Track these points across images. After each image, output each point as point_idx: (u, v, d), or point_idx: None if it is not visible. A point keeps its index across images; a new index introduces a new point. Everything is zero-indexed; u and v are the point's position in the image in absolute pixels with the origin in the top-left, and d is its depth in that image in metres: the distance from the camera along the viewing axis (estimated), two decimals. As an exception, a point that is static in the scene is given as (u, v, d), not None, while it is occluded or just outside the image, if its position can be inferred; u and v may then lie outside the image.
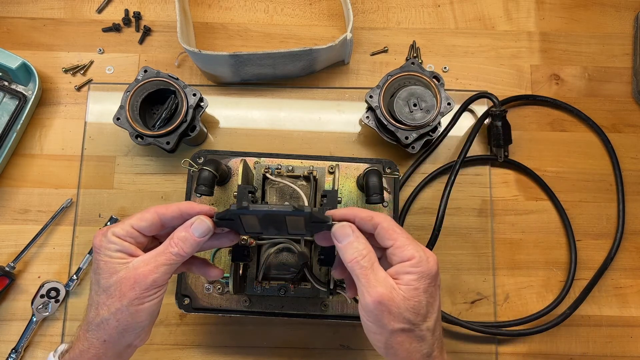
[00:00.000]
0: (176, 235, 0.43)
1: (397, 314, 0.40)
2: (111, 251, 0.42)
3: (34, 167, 0.69)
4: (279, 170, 0.59)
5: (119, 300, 0.41)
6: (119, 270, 0.42)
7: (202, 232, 0.43)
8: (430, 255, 0.42)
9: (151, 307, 0.42)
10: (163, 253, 0.42)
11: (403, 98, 0.62)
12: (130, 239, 0.43)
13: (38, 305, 0.64)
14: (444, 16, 0.75)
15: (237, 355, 0.65)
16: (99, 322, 0.42)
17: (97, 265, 0.43)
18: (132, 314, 0.42)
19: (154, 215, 0.43)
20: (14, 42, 0.72)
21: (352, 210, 0.44)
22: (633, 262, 0.68)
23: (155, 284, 0.42)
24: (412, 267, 0.41)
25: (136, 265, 0.42)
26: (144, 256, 0.42)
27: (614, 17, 0.75)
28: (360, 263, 0.41)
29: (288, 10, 0.74)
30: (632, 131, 0.72)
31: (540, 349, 0.66)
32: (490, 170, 0.70)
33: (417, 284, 0.40)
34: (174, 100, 0.63)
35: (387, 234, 0.42)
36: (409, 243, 0.42)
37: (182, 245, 0.42)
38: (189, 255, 0.43)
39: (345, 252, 0.42)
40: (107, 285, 0.42)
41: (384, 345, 0.41)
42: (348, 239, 0.42)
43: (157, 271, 0.42)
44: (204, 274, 0.49)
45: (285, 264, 0.57)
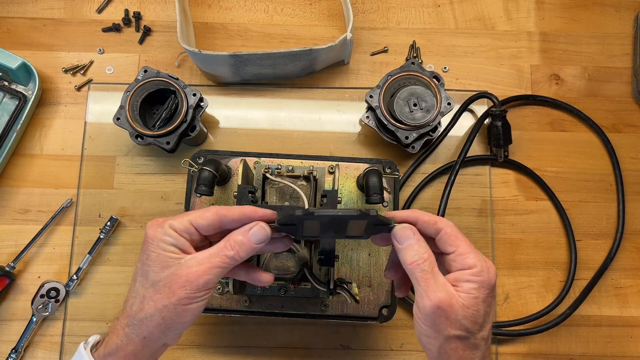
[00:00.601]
0: (233, 238, 0.42)
1: (454, 321, 0.40)
2: (166, 244, 0.41)
3: (34, 167, 0.69)
4: (279, 170, 0.59)
5: (168, 297, 0.40)
6: (171, 266, 0.40)
7: (260, 239, 0.42)
8: (491, 266, 0.42)
9: (198, 308, 0.41)
10: (218, 255, 0.41)
11: (403, 98, 0.62)
12: (186, 235, 0.41)
13: (38, 305, 0.64)
14: (444, 16, 0.75)
15: (237, 355, 0.65)
16: (142, 318, 0.41)
17: (148, 256, 0.41)
18: (179, 314, 0.40)
19: (215, 216, 0.42)
20: (14, 42, 0.72)
21: (415, 213, 0.44)
22: (633, 262, 0.68)
23: (206, 285, 0.40)
24: (473, 276, 0.40)
25: (189, 264, 0.40)
26: (197, 255, 0.41)
27: (614, 17, 0.75)
28: (421, 266, 0.41)
29: (288, 10, 0.74)
30: (632, 131, 0.72)
31: (540, 349, 0.66)
32: (490, 170, 0.70)
33: (477, 293, 0.40)
34: (174, 100, 0.63)
35: (450, 240, 0.42)
36: (471, 251, 0.42)
37: (238, 249, 0.41)
38: (242, 260, 0.42)
39: (405, 254, 0.41)
40: (156, 279, 0.40)
41: (437, 350, 0.41)
42: (409, 241, 0.42)
43: (210, 272, 0.40)
44: (253, 279, 0.47)
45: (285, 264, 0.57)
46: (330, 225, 0.42)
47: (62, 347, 0.64)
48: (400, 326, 0.66)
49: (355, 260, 0.61)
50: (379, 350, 0.65)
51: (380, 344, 0.65)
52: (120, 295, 0.66)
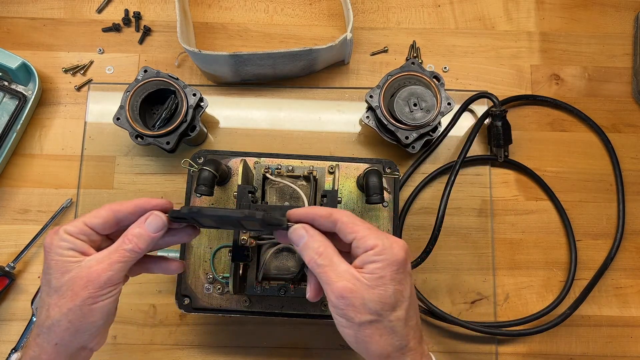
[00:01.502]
0: (130, 232, 0.41)
1: (361, 306, 0.39)
2: (63, 249, 0.40)
3: (34, 167, 0.69)
4: (279, 170, 0.59)
5: (71, 300, 0.40)
6: (71, 270, 0.40)
7: (157, 228, 0.41)
8: (395, 242, 0.40)
9: (106, 306, 0.41)
10: (117, 250, 0.41)
11: (403, 98, 0.62)
12: (83, 237, 0.41)
13: (38, 305, 0.64)
14: (444, 16, 0.75)
15: (237, 355, 0.65)
16: (49, 325, 0.40)
17: (48, 265, 0.41)
18: (85, 314, 0.40)
19: (109, 212, 0.42)
20: (14, 42, 0.72)
21: (311, 210, 0.43)
22: (633, 262, 0.68)
23: (109, 282, 0.40)
24: (376, 255, 0.39)
25: (89, 264, 0.40)
26: (97, 254, 0.41)
27: (614, 17, 0.75)
28: (317, 262, 0.40)
29: (288, 10, 0.74)
30: (632, 131, 0.72)
31: (540, 349, 0.66)
32: (490, 170, 0.70)
33: (382, 272, 0.39)
34: (174, 100, 0.63)
35: (348, 228, 0.41)
36: (370, 232, 0.40)
37: (136, 242, 0.41)
38: (143, 252, 0.42)
39: (303, 254, 0.41)
40: (58, 285, 0.40)
41: (354, 339, 0.40)
42: (302, 240, 0.41)
43: (111, 269, 0.40)
44: (165, 270, 0.47)
45: (285, 264, 0.57)
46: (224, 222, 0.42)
47: (62, 347, 0.64)
48: (400, 326, 0.66)
49: (355, 260, 0.60)
50: (379, 350, 0.65)
51: (380, 344, 0.65)
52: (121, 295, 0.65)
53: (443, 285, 0.67)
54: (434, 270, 0.67)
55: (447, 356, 0.65)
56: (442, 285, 0.67)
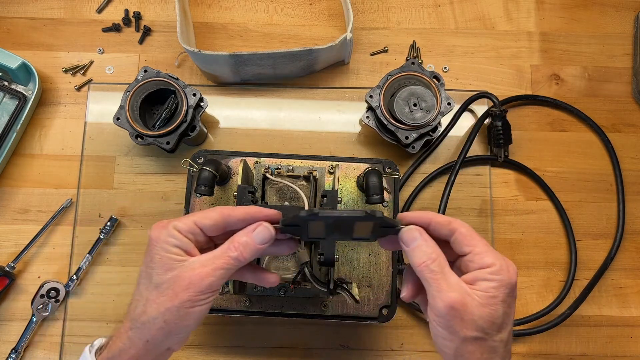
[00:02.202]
0: (237, 240, 0.41)
1: (470, 321, 0.38)
2: (169, 245, 0.40)
3: (34, 167, 0.69)
4: (279, 170, 0.59)
5: (171, 300, 0.39)
6: (175, 268, 0.40)
7: (264, 239, 0.41)
8: (510, 265, 0.40)
9: (202, 311, 0.40)
10: (221, 256, 0.40)
11: (403, 98, 0.62)
12: (190, 236, 0.41)
13: (38, 306, 0.64)
14: (444, 16, 0.75)
15: (237, 355, 0.65)
16: (145, 321, 0.40)
17: (152, 258, 0.40)
18: (182, 317, 0.39)
19: (220, 216, 0.41)
20: (14, 42, 0.72)
21: (428, 214, 0.42)
22: (633, 262, 0.68)
23: (210, 287, 0.40)
24: (492, 275, 0.39)
25: (193, 266, 0.40)
26: (201, 257, 0.40)
27: (614, 17, 0.75)
28: (430, 267, 0.39)
29: (288, 10, 0.74)
30: (632, 131, 0.72)
31: (540, 349, 0.66)
32: (490, 170, 0.70)
33: (496, 292, 0.39)
34: (174, 100, 0.63)
35: (466, 240, 0.41)
36: (488, 250, 0.40)
37: (242, 250, 0.40)
38: (247, 261, 0.41)
39: (413, 256, 0.40)
40: (160, 282, 0.40)
41: (453, 352, 0.39)
42: (416, 242, 0.40)
43: (214, 274, 0.40)
44: (259, 280, 0.47)
45: (285, 264, 0.57)
46: (336, 227, 0.41)
47: (62, 347, 0.64)
48: (400, 326, 0.66)
49: (355, 260, 0.61)
50: (379, 350, 0.65)
51: (380, 344, 0.65)
52: (120, 295, 0.66)
53: (443, 285, 0.67)
54: (434, 270, 0.67)
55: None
56: (442, 285, 0.67)
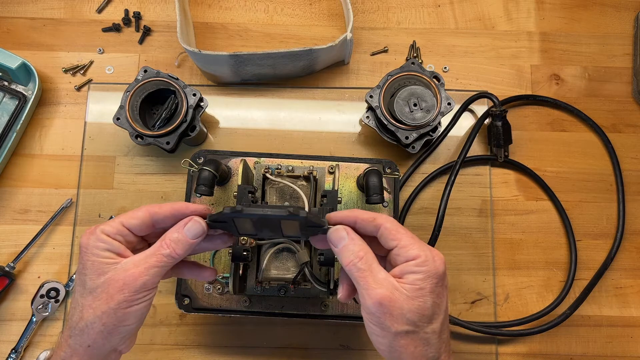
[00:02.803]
0: (168, 237, 0.41)
1: (399, 316, 0.38)
2: (99, 250, 0.40)
3: (34, 167, 0.69)
4: (279, 170, 0.59)
5: (106, 302, 0.39)
6: (107, 271, 0.40)
7: (196, 234, 0.41)
8: (436, 255, 0.40)
9: (140, 310, 0.40)
10: (154, 254, 0.41)
11: (403, 98, 0.62)
12: (119, 238, 0.41)
13: (38, 306, 0.64)
14: (444, 16, 0.75)
15: (237, 355, 0.65)
16: (82, 327, 0.40)
17: (84, 265, 0.40)
18: (120, 318, 0.40)
19: (146, 214, 0.42)
20: (14, 42, 0.72)
21: (353, 212, 0.42)
22: (633, 262, 0.68)
23: (145, 286, 0.40)
24: (417, 267, 0.39)
25: (126, 267, 0.40)
26: (133, 257, 0.41)
27: (614, 17, 0.75)
28: (357, 265, 0.40)
29: (288, 10, 0.74)
30: (632, 131, 0.72)
31: (540, 349, 0.66)
32: (490, 170, 0.70)
33: (423, 283, 0.39)
34: (174, 100, 0.63)
35: (391, 235, 0.41)
36: (413, 242, 0.40)
37: (174, 247, 0.41)
38: (181, 258, 0.41)
39: (341, 256, 0.41)
40: (93, 287, 0.40)
41: (387, 348, 0.40)
42: (343, 242, 0.41)
43: (148, 273, 0.40)
44: (197, 276, 0.47)
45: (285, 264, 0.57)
46: (263, 225, 0.41)
47: (62, 347, 0.64)
48: (400, 326, 0.66)
49: (355, 260, 0.60)
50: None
51: (380, 344, 0.65)
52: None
53: (443, 285, 0.67)
54: (434, 270, 0.67)
55: (447, 356, 0.65)
56: (442, 285, 0.67)
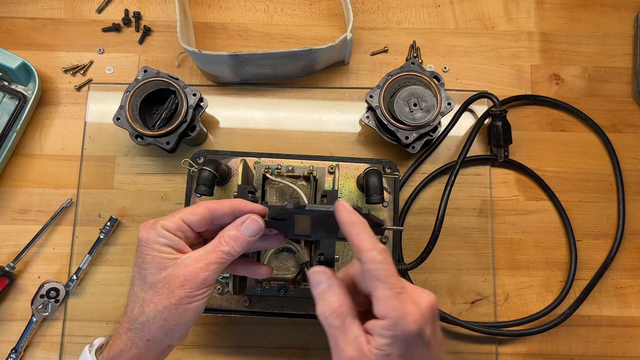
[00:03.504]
0: (227, 234, 0.41)
1: None
2: (160, 245, 0.40)
3: (34, 167, 0.69)
4: (279, 170, 0.59)
5: (167, 298, 0.40)
6: (168, 267, 0.40)
7: (254, 232, 0.42)
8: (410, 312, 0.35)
9: (199, 306, 0.41)
10: (213, 251, 0.41)
11: (403, 98, 0.62)
12: (179, 233, 0.41)
13: (38, 306, 0.64)
14: (444, 16, 0.75)
15: (237, 355, 0.65)
16: (144, 321, 0.40)
17: (144, 259, 0.41)
18: (180, 314, 0.40)
19: (205, 210, 0.42)
20: (14, 42, 0.72)
21: (354, 227, 0.38)
22: (633, 262, 0.68)
23: (205, 282, 0.40)
24: (384, 330, 0.35)
25: (186, 263, 0.40)
26: (193, 253, 0.41)
27: (614, 17, 0.75)
28: (328, 319, 0.36)
29: (288, 10, 0.74)
30: (632, 131, 0.72)
31: (540, 349, 0.66)
32: (490, 170, 0.70)
33: (389, 349, 0.35)
34: (174, 100, 0.63)
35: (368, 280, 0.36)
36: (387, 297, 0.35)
37: (233, 244, 0.41)
38: (238, 255, 0.42)
39: (316, 302, 0.38)
40: (154, 282, 0.40)
41: None
42: (320, 286, 0.38)
43: (208, 269, 0.40)
44: (252, 273, 0.47)
45: (285, 264, 0.57)
46: (322, 223, 0.41)
47: (62, 348, 0.64)
48: (400, 326, 0.66)
49: (355, 260, 0.60)
50: (379, 350, 0.65)
51: (380, 344, 0.65)
52: (120, 295, 0.66)
53: (443, 285, 0.67)
54: (434, 270, 0.67)
55: (447, 356, 0.65)
56: (442, 285, 0.67)
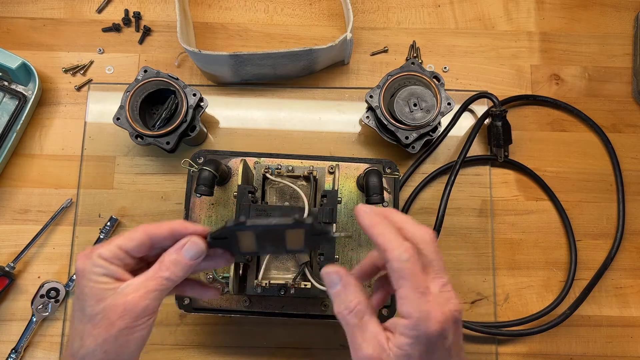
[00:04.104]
0: (167, 259, 0.40)
1: None
2: (97, 275, 0.39)
3: (34, 167, 0.69)
4: (279, 170, 0.59)
5: (107, 330, 0.38)
6: (107, 297, 0.38)
7: (195, 255, 0.40)
8: (433, 312, 0.35)
9: (142, 336, 0.39)
10: (153, 278, 0.39)
11: (403, 98, 0.62)
12: (117, 261, 0.39)
13: (38, 306, 0.64)
14: (444, 16, 0.75)
15: (237, 355, 0.65)
16: (84, 354, 0.38)
17: (82, 291, 0.39)
18: (122, 345, 0.38)
19: (144, 235, 0.40)
20: (14, 42, 0.72)
21: (373, 228, 0.37)
22: (633, 262, 0.68)
23: (146, 311, 0.38)
24: (406, 329, 0.35)
25: (125, 292, 0.38)
26: (132, 281, 0.39)
27: (614, 17, 0.75)
28: (346, 318, 0.37)
29: (288, 10, 0.74)
30: (632, 131, 0.72)
31: (540, 349, 0.66)
32: (490, 170, 0.70)
33: (410, 349, 0.34)
34: (174, 100, 0.63)
35: (394, 277, 0.36)
36: (410, 295, 0.35)
37: (173, 269, 0.39)
38: (181, 279, 0.40)
39: (333, 301, 0.38)
40: (93, 314, 0.38)
41: None
42: (335, 287, 0.38)
43: (148, 297, 0.38)
44: (200, 295, 0.46)
45: (285, 264, 0.57)
46: (267, 237, 0.39)
47: (62, 348, 0.64)
48: (400, 326, 0.66)
49: (355, 260, 0.61)
50: (379, 350, 0.65)
51: (380, 344, 0.65)
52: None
53: (443, 285, 0.67)
54: (434, 270, 0.67)
55: None
56: (442, 285, 0.67)
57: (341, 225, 0.61)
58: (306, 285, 0.57)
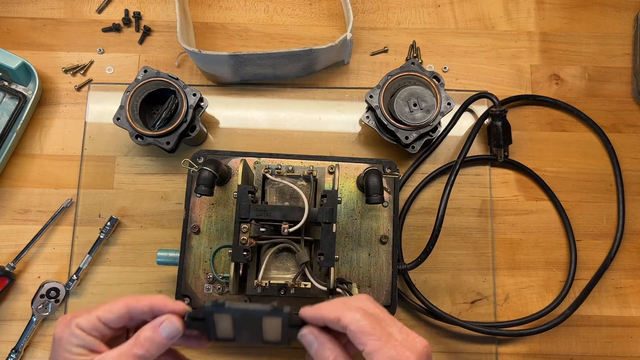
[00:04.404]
0: (142, 335, 0.39)
1: None
2: (72, 345, 0.39)
3: (34, 167, 0.69)
4: (279, 170, 0.59)
5: None
6: None
7: (170, 334, 0.40)
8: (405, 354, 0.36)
9: None
10: (126, 354, 0.39)
11: (403, 98, 0.62)
12: (95, 332, 0.39)
13: (38, 306, 0.64)
14: (444, 16, 0.75)
15: (237, 355, 0.65)
16: None
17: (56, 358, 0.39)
18: None
19: (124, 309, 0.40)
20: (14, 42, 0.72)
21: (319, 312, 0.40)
22: (633, 262, 0.68)
23: None
24: None
25: None
26: (107, 354, 0.39)
27: (614, 17, 0.75)
28: None
29: (288, 10, 0.74)
30: (632, 131, 0.72)
31: (540, 349, 0.66)
32: (490, 170, 0.70)
33: None
34: (174, 100, 0.63)
35: (356, 338, 0.37)
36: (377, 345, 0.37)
37: (148, 347, 0.39)
38: (154, 357, 0.40)
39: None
40: None
41: None
42: (313, 347, 0.39)
43: None
44: None
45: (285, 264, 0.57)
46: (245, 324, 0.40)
47: (62, 347, 0.64)
48: (400, 326, 0.66)
49: (355, 261, 0.61)
50: (379, 350, 0.65)
51: (380, 344, 0.65)
52: (120, 295, 0.65)
53: (443, 285, 0.67)
54: (434, 270, 0.67)
55: (447, 356, 0.65)
56: (442, 285, 0.67)
57: (341, 225, 0.61)
58: (306, 285, 0.57)
